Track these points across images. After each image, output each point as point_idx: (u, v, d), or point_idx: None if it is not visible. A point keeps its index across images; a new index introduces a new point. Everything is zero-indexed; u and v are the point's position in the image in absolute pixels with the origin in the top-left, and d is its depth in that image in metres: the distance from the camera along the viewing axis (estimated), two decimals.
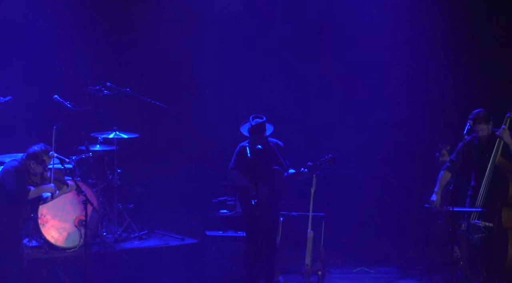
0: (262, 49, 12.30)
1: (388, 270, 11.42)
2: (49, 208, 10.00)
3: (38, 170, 8.69)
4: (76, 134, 11.26)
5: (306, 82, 12.38)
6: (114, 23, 12.19)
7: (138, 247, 10.66)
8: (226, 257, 10.66)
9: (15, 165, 8.69)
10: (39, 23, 11.75)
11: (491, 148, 9.47)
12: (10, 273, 8.67)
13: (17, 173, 8.61)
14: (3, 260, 8.66)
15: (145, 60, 12.27)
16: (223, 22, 12.24)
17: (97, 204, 10.25)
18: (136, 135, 11.22)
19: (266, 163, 9.75)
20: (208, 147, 12.20)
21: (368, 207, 12.16)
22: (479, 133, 9.49)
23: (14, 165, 8.71)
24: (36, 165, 8.66)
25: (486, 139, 9.54)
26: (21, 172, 8.63)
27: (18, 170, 8.64)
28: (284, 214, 10.73)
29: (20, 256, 8.83)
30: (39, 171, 8.70)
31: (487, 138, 9.53)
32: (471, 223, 9.47)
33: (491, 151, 9.46)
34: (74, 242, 10.13)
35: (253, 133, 9.79)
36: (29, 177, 8.70)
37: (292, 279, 10.80)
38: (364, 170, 12.25)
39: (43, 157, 8.66)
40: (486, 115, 9.50)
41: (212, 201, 11.60)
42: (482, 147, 9.57)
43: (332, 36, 12.18)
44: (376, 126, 12.29)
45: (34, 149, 8.69)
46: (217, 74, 12.29)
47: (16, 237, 8.82)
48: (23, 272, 8.89)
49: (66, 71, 11.89)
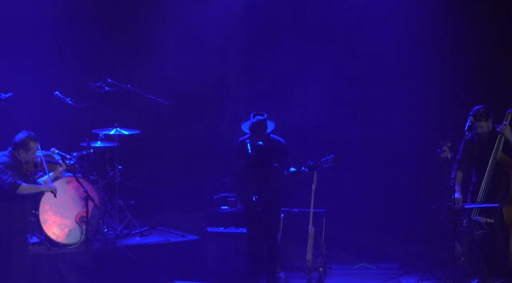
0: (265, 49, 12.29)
1: (390, 266, 11.41)
2: (50, 205, 10.01)
3: (28, 157, 8.71)
4: (77, 131, 11.27)
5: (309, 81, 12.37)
6: (116, 19, 12.17)
7: (139, 243, 10.67)
8: (227, 253, 10.67)
9: (4, 160, 8.75)
10: (39, 19, 11.73)
11: (491, 145, 9.48)
12: (14, 270, 8.69)
13: (6, 167, 8.65)
14: (8, 257, 8.67)
15: (146, 56, 12.27)
16: (225, 21, 12.24)
17: (98, 200, 10.25)
18: (137, 132, 11.22)
19: (266, 160, 9.74)
20: (210, 143, 12.19)
21: (370, 203, 12.16)
22: (479, 130, 9.51)
23: (3, 161, 8.76)
24: (25, 153, 8.70)
25: (487, 136, 9.54)
26: (10, 165, 8.66)
27: (7, 164, 8.68)
28: (285, 210, 10.73)
29: (24, 254, 8.84)
30: (29, 158, 8.72)
31: (487, 135, 9.54)
32: (472, 219, 9.48)
33: (491, 147, 9.47)
34: (75, 238, 10.14)
35: (254, 130, 9.78)
36: (22, 167, 8.73)
37: (294, 275, 10.80)
38: (365, 166, 12.24)
39: (29, 143, 8.69)
40: (485, 112, 9.50)
41: (213, 197, 11.60)
42: (483, 144, 9.58)
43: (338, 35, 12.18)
44: (377, 123, 12.28)
45: (19, 137, 8.77)
46: (220, 71, 12.28)
47: (21, 233, 8.83)
48: (26, 269, 8.91)
49: (67, 67, 11.89)
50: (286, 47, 12.35)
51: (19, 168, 8.74)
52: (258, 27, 12.43)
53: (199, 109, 12.39)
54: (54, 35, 11.82)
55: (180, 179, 12.22)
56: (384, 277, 10.93)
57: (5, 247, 8.68)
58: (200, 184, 12.12)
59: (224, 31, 12.32)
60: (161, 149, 12.25)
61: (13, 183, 8.54)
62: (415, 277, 10.63)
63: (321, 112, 12.29)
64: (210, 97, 12.41)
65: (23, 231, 8.89)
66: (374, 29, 12.05)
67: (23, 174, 8.77)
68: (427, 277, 10.56)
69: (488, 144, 9.53)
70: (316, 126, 12.26)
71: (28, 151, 8.69)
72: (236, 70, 12.47)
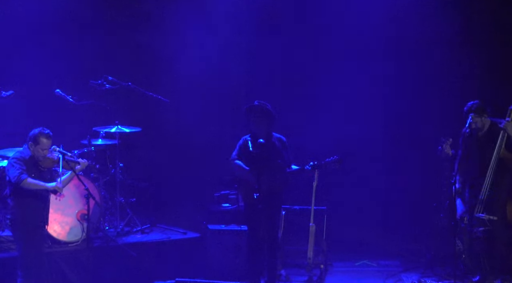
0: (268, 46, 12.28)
1: (391, 263, 11.42)
2: (51, 202, 9.99)
3: (39, 152, 8.73)
4: (78, 129, 11.27)
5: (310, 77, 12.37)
6: (116, 16, 12.17)
7: (140, 241, 10.68)
8: (228, 251, 10.67)
9: (16, 155, 8.83)
10: (40, 17, 11.73)
11: (490, 141, 9.45)
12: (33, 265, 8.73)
13: (17, 162, 8.74)
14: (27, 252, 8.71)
15: (147, 54, 12.26)
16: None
17: (99, 198, 10.26)
18: (138, 129, 11.22)
19: (268, 157, 9.74)
20: (211, 141, 12.18)
21: (371, 200, 12.16)
22: (472, 126, 9.46)
23: (14, 155, 8.87)
24: (34, 147, 8.72)
25: (482, 132, 9.51)
26: (23, 160, 8.71)
27: (18, 159, 8.76)
28: (286, 207, 10.74)
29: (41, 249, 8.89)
30: (40, 153, 8.74)
31: (482, 130, 9.50)
32: (475, 216, 9.46)
33: (491, 143, 9.44)
34: (76, 236, 10.14)
35: (252, 111, 9.76)
36: (38, 163, 8.77)
37: (295, 273, 10.81)
38: (366, 163, 12.24)
39: (40, 138, 8.72)
40: (479, 107, 9.46)
41: (214, 194, 11.61)
42: (481, 140, 9.55)
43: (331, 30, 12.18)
44: (378, 121, 12.28)
45: (32, 132, 8.83)
46: (220, 69, 12.28)
47: (40, 228, 8.86)
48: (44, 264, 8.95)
49: (68, 65, 11.88)
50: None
51: (35, 164, 8.78)
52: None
53: (201, 107, 12.37)
54: (55, 33, 11.81)
55: (181, 176, 12.22)
56: (385, 274, 10.94)
57: (24, 242, 8.72)
58: (201, 181, 12.11)
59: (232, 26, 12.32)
60: (162, 146, 12.25)
61: (17, 176, 8.59)
62: (416, 274, 10.63)
63: (322, 110, 12.28)
64: (213, 95, 12.38)
65: (42, 226, 8.91)
66: (373, 26, 12.06)
67: (38, 170, 8.81)
68: (428, 274, 10.57)
69: (486, 140, 9.50)
70: (315, 121, 12.27)
71: (37, 145, 8.72)
72: (235, 65, 12.45)
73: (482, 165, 9.50)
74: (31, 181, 8.65)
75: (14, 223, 8.81)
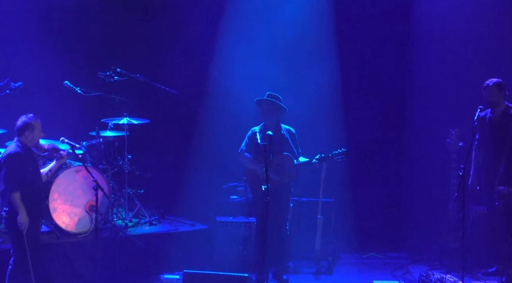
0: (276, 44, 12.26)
1: (399, 256, 11.44)
2: (60, 193, 10.04)
3: (35, 136, 8.72)
4: (87, 120, 11.29)
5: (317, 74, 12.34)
6: (126, 8, 12.16)
7: (149, 232, 10.71)
8: (236, 242, 10.69)
9: (16, 151, 8.72)
10: (49, 9, 11.74)
11: (505, 125, 9.50)
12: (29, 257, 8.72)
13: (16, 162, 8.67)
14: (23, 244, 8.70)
15: (156, 46, 12.26)
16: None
17: (107, 189, 10.29)
18: (147, 121, 11.24)
19: (276, 149, 9.74)
20: (219, 133, 12.17)
21: (379, 192, 12.13)
22: (488, 99, 9.57)
23: (15, 151, 8.74)
24: (32, 133, 8.70)
25: (496, 114, 9.60)
26: (21, 155, 8.67)
27: (18, 156, 8.69)
28: (294, 199, 10.74)
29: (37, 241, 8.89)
30: (37, 137, 8.73)
31: (497, 106, 9.62)
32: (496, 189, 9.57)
33: (506, 127, 9.48)
34: (85, 227, 10.17)
35: (262, 103, 9.79)
36: (32, 152, 8.76)
37: (303, 264, 10.82)
38: (374, 155, 12.22)
39: (31, 123, 8.71)
40: (500, 82, 9.69)
41: (223, 186, 11.62)
42: (495, 123, 9.61)
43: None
44: (387, 113, 12.24)
45: (20, 121, 8.76)
46: (229, 63, 12.26)
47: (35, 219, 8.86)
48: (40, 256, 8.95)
49: (76, 57, 11.90)
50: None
51: (30, 155, 8.77)
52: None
53: (210, 99, 12.36)
54: (63, 25, 11.83)
55: (189, 168, 12.21)
56: (393, 266, 10.95)
57: (20, 235, 8.71)
58: (209, 173, 12.11)
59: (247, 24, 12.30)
60: (171, 138, 12.25)
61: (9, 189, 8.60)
62: (424, 266, 10.62)
63: (331, 102, 12.25)
64: (222, 88, 12.36)
65: (37, 217, 8.90)
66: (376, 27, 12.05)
67: (33, 159, 8.82)
68: (436, 266, 10.56)
69: (501, 124, 9.57)
70: (325, 115, 12.23)
71: (33, 130, 8.70)
72: (247, 64, 12.43)
73: (497, 148, 9.56)
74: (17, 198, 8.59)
75: (10, 215, 8.73)
